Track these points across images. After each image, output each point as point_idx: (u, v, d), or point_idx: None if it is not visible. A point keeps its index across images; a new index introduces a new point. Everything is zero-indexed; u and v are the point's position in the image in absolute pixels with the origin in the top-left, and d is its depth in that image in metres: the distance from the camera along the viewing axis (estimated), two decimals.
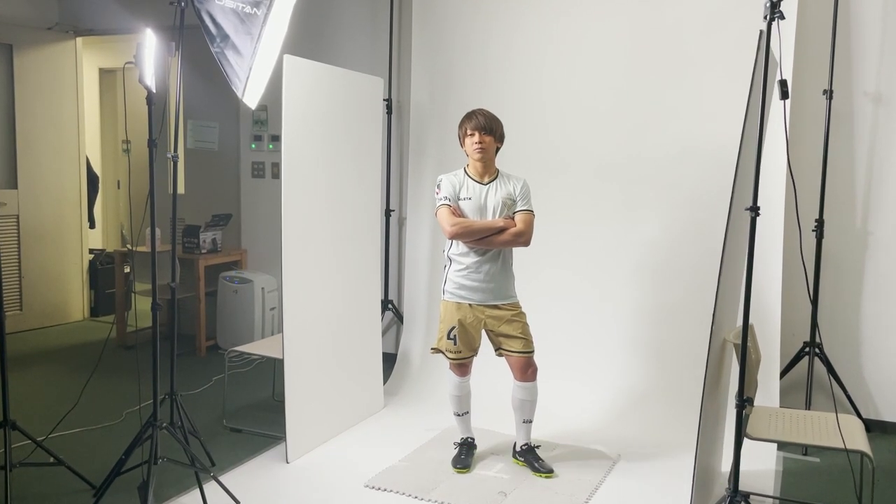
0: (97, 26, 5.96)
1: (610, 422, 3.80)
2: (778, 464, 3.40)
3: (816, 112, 3.81)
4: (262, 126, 5.37)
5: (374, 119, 4.04)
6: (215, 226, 5.32)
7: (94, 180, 6.54)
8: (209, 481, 2.93)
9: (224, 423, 3.82)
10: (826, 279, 3.90)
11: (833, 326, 3.93)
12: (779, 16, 2.10)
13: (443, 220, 3.18)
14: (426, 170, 4.58)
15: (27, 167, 5.68)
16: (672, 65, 3.94)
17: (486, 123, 3.17)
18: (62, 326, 5.94)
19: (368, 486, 3.11)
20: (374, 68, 4.69)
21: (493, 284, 3.21)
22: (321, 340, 3.60)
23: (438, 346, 3.31)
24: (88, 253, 6.26)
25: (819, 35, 3.82)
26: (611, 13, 4.08)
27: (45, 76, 5.78)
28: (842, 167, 3.89)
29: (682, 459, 3.34)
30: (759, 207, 2.23)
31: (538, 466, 3.24)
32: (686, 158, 3.91)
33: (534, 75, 4.27)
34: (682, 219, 3.92)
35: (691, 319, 3.81)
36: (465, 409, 3.36)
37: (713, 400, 2.72)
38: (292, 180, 3.33)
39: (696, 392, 3.37)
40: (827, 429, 2.76)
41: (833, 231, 3.87)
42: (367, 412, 3.95)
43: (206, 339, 5.23)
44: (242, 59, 2.68)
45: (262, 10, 2.66)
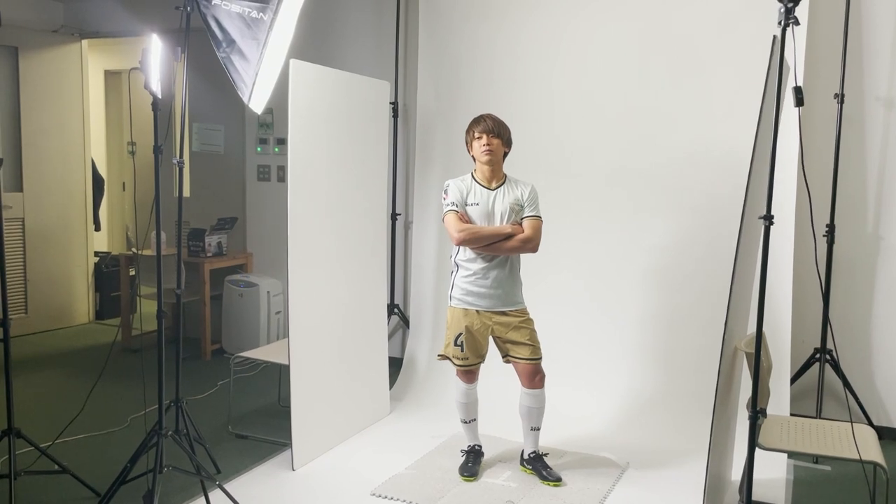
0: (102, 29, 5.95)
1: (618, 429, 3.76)
2: (789, 472, 3.36)
3: (827, 117, 3.77)
4: (267, 129, 5.34)
5: (381, 123, 4.02)
6: (221, 229, 5.31)
7: (100, 183, 6.52)
8: (214, 489, 2.91)
9: (229, 428, 3.80)
10: (837, 285, 3.87)
11: (844, 332, 3.89)
12: (793, 21, 2.06)
13: (450, 226, 3.15)
14: (432, 173, 4.55)
15: (32, 170, 5.67)
16: (682, 68, 3.90)
17: (494, 127, 3.15)
18: (67, 329, 5.93)
19: (375, 495, 3.08)
20: (380, 71, 4.66)
21: (500, 290, 3.18)
22: (327, 345, 3.57)
23: (445, 353, 3.29)
24: (94, 256, 6.25)
25: (830, 39, 3.78)
26: (619, 17, 4.04)
27: (50, 79, 5.76)
28: (853, 172, 3.85)
29: (691, 467, 3.30)
30: (773, 216, 2.19)
31: (546, 475, 3.21)
32: (696, 163, 3.87)
33: (542, 79, 4.24)
34: (691, 224, 3.89)
35: (700, 326, 3.78)
36: (472, 416, 3.34)
37: (724, 408, 2.68)
38: (299, 184, 3.30)
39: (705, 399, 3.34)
40: (840, 438, 2.72)
41: (844, 236, 3.83)
42: (373, 418, 3.92)
43: (211, 343, 5.21)
44: (248, 65, 2.65)
45: (269, 15, 2.63)
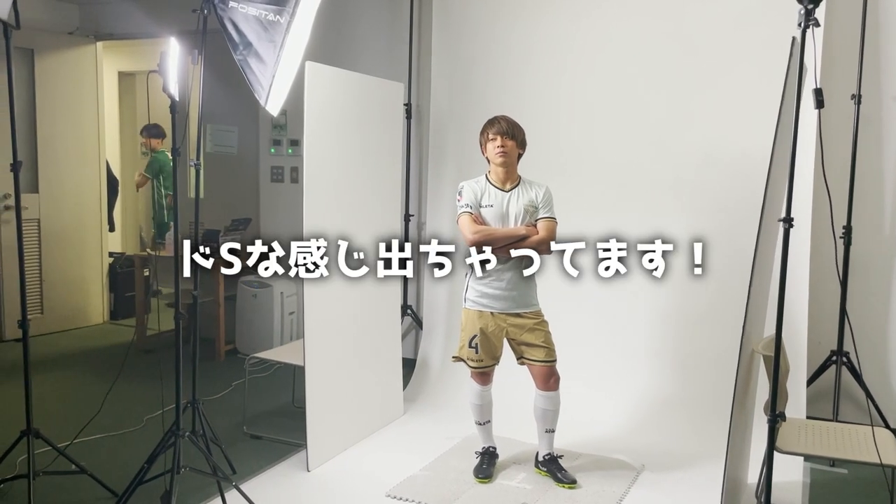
0: (117, 31, 5.98)
1: (633, 431, 3.75)
2: (805, 475, 3.34)
3: (844, 117, 3.74)
4: (281, 130, 5.36)
5: (395, 124, 4.02)
6: (234, 230, 5.32)
7: (114, 184, 6.56)
8: (231, 490, 2.92)
9: (244, 429, 3.82)
10: (853, 286, 3.83)
11: (860, 334, 3.85)
12: (814, 23, 2.04)
13: (464, 228, 3.15)
14: (445, 174, 4.55)
15: (48, 171, 5.71)
16: (697, 69, 3.88)
17: (509, 129, 3.14)
18: (82, 330, 5.97)
19: (390, 496, 3.08)
20: (394, 73, 4.65)
21: (515, 292, 3.17)
22: (342, 346, 3.58)
23: (460, 355, 3.28)
24: (108, 256, 6.28)
25: (847, 38, 3.75)
26: (633, 17, 4.02)
27: (65, 80, 5.80)
28: (870, 173, 3.82)
29: (707, 470, 3.28)
30: (792, 219, 2.18)
31: (561, 477, 3.20)
32: (711, 164, 3.85)
33: (555, 79, 4.23)
34: (706, 226, 3.85)
35: (715, 327, 3.76)
36: (486, 417, 3.33)
37: (741, 411, 2.67)
38: (313, 185, 3.31)
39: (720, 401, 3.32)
40: (857, 441, 2.70)
41: (861, 238, 3.80)
42: (387, 419, 3.93)
43: (225, 344, 5.23)
44: (265, 67, 2.66)
45: (286, 18, 2.64)
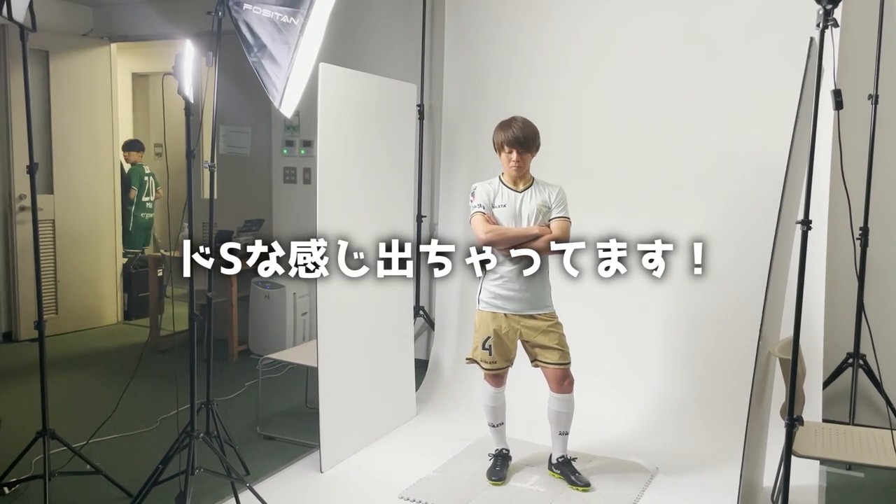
0: (131, 32, 6.01)
1: (647, 434, 3.73)
2: (821, 479, 3.31)
3: (860, 118, 3.70)
4: (293, 132, 5.37)
5: (407, 125, 4.02)
6: (247, 231, 5.33)
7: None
8: (244, 491, 2.93)
9: (258, 430, 3.82)
10: (870, 288, 3.79)
11: (877, 337, 3.81)
12: (832, 24, 2.02)
13: (476, 228, 3.14)
14: (458, 175, 4.54)
15: (63, 172, 5.74)
16: (712, 69, 3.85)
17: (524, 139, 3.09)
18: (96, 330, 6.01)
19: (403, 498, 3.08)
20: (407, 74, 4.65)
21: (529, 294, 3.16)
22: (354, 348, 3.58)
23: (473, 357, 3.27)
24: (122, 257, 6.32)
25: (864, 38, 3.71)
26: (649, 17, 3.99)
27: (80, 82, 5.84)
28: (887, 174, 3.78)
29: (722, 473, 3.27)
30: (811, 221, 2.16)
31: (575, 480, 3.19)
32: (725, 165, 3.82)
33: (567, 79, 4.21)
34: (721, 227, 3.83)
35: (729, 329, 3.73)
36: (499, 420, 3.32)
37: (758, 414, 2.65)
38: (327, 186, 3.32)
39: (735, 403, 3.31)
40: (874, 445, 2.67)
41: (878, 239, 3.76)
42: (399, 420, 3.92)
43: (238, 344, 5.24)
44: (279, 69, 2.67)
45: (300, 20, 2.64)
